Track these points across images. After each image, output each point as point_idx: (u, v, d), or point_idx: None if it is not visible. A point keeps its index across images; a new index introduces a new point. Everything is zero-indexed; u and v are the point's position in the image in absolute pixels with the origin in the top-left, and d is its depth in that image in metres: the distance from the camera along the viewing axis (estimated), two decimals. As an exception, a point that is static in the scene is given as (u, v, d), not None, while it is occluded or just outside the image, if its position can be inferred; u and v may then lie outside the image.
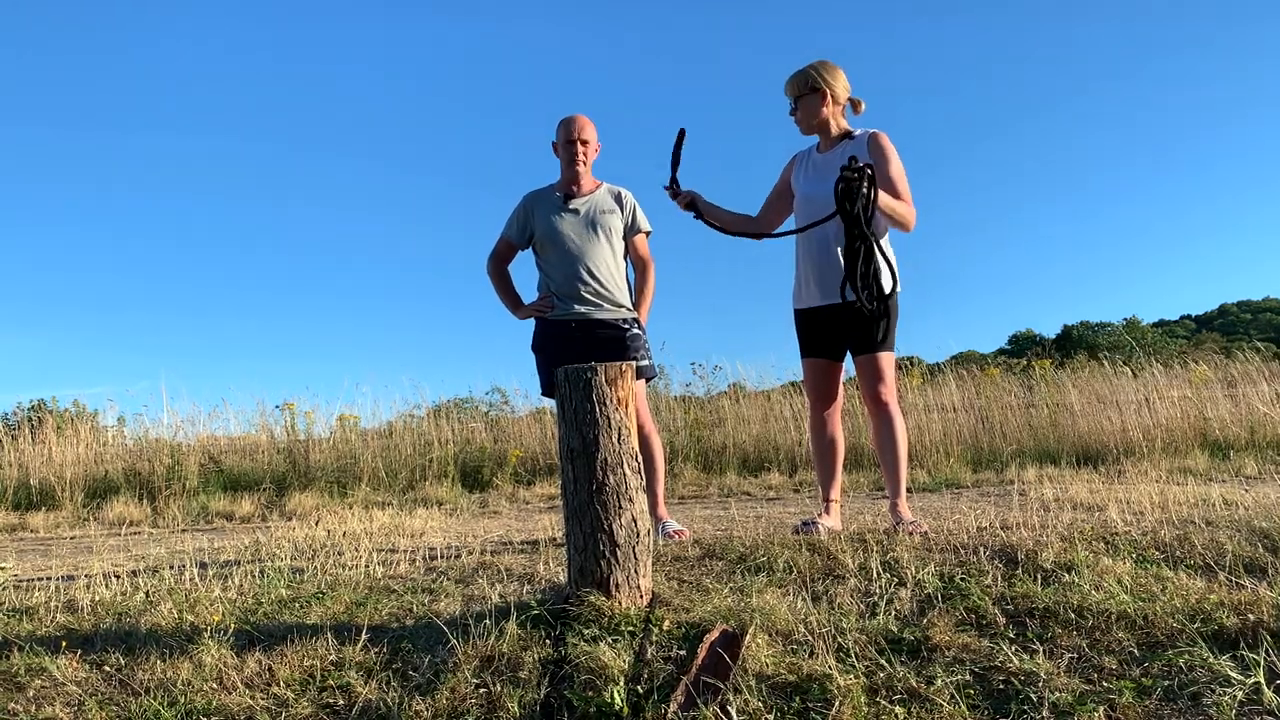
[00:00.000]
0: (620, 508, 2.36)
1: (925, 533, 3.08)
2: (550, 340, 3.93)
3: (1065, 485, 4.65)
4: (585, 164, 3.95)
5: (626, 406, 2.41)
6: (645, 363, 3.92)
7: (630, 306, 3.97)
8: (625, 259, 4.04)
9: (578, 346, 3.83)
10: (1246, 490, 4.21)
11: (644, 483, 2.45)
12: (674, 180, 3.59)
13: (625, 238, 3.99)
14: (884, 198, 3.26)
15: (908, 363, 9.91)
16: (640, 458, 2.45)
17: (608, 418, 2.38)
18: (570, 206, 3.95)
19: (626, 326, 3.91)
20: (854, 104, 3.58)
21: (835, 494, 3.57)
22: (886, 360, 3.42)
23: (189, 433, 8.69)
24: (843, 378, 3.60)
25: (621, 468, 2.37)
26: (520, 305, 4.03)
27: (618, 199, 3.99)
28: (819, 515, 3.47)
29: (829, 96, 3.50)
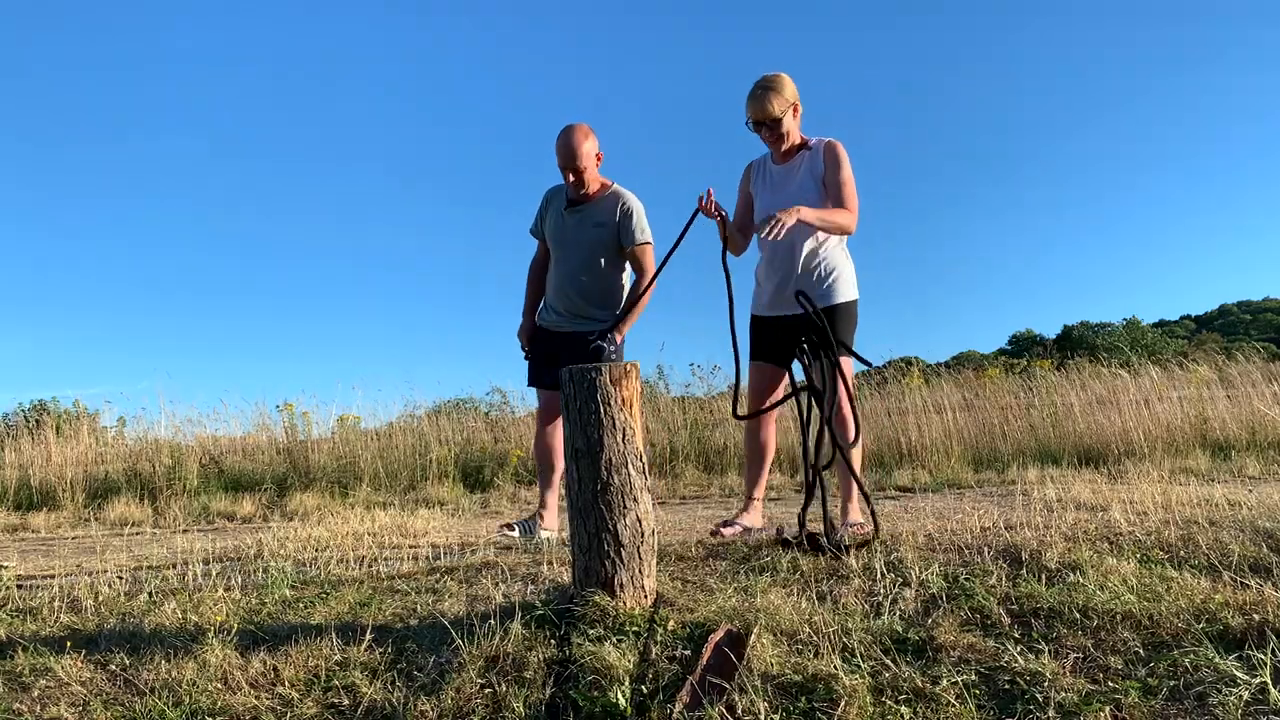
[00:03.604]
0: (625, 508, 2.36)
1: (867, 537, 2.96)
2: (537, 341, 4.11)
3: (1067, 485, 4.65)
4: (584, 186, 3.93)
5: (631, 406, 2.41)
6: None
7: (607, 318, 3.93)
8: (626, 267, 4.03)
9: (553, 349, 3.98)
10: (1249, 490, 4.21)
11: (649, 482, 2.46)
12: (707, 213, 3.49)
13: (625, 246, 3.93)
14: (808, 212, 3.30)
15: (905, 364, 9.92)
16: (645, 458, 2.45)
17: (612, 418, 2.38)
18: (570, 214, 3.97)
19: (593, 339, 3.85)
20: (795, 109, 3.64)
21: (759, 494, 3.71)
22: (843, 365, 3.45)
23: (188, 433, 8.70)
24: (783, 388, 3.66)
25: (626, 468, 2.37)
26: (523, 314, 4.19)
27: (616, 209, 3.92)
28: (740, 514, 3.59)
29: (799, 110, 3.56)
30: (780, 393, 3.64)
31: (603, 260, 3.92)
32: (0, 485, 7.76)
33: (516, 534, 3.80)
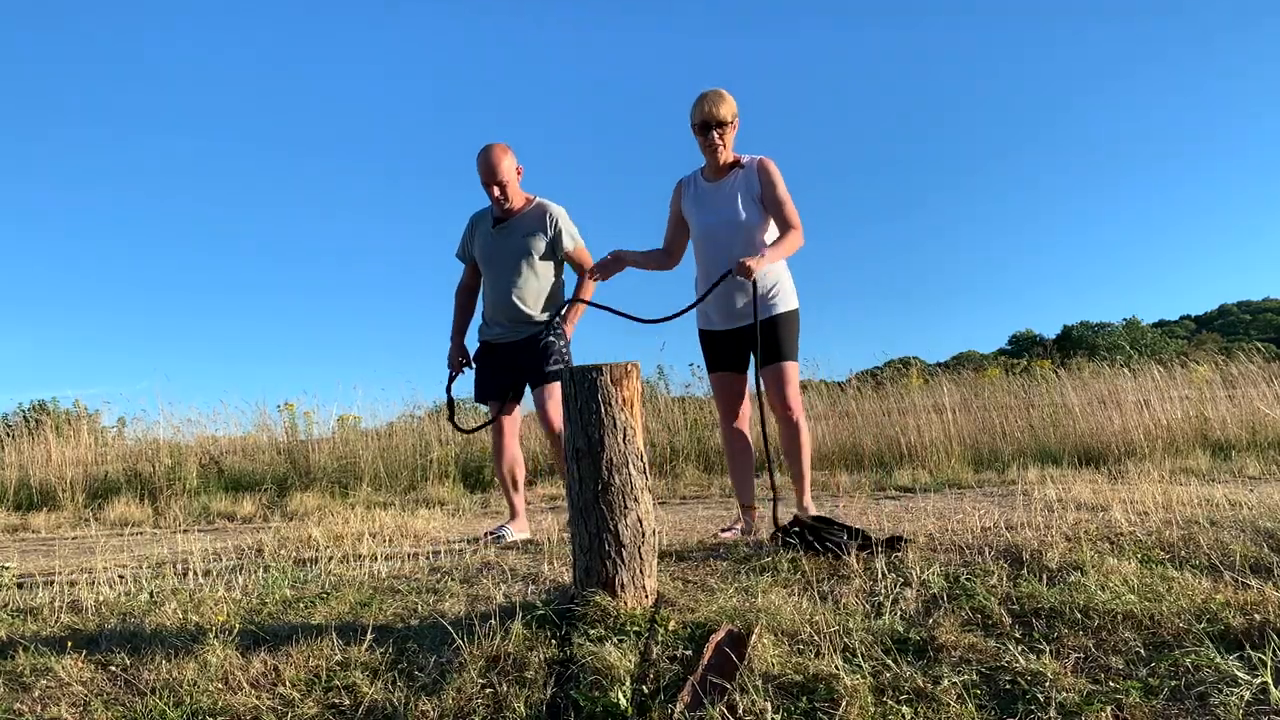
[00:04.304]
0: (626, 508, 2.36)
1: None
2: (483, 356, 4.19)
3: (1068, 485, 4.65)
4: (508, 200, 4.04)
5: (632, 406, 2.41)
6: (558, 368, 4.03)
7: (547, 316, 4.06)
8: (562, 270, 4.14)
9: (502, 361, 4.08)
10: (1250, 490, 4.21)
11: (649, 482, 2.45)
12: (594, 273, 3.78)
13: (563, 252, 4.08)
14: (771, 253, 3.40)
15: (903, 364, 9.91)
16: (645, 458, 2.45)
17: (613, 418, 2.38)
18: (499, 230, 4.10)
19: (541, 336, 4.03)
20: None
21: (749, 500, 3.73)
22: (791, 369, 3.58)
23: (188, 433, 8.69)
24: (748, 390, 3.75)
25: (627, 467, 2.37)
26: (451, 338, 4.28)
27: (543, 219, 4.07)
28: (737, 522, 3.67)
29: (737, 126, 3.63)
30: (745, 396, 3.73)
31: (536, 266, 4.06)
32: (0, 485, 7.76)
33: (506, 538, 3.91)
